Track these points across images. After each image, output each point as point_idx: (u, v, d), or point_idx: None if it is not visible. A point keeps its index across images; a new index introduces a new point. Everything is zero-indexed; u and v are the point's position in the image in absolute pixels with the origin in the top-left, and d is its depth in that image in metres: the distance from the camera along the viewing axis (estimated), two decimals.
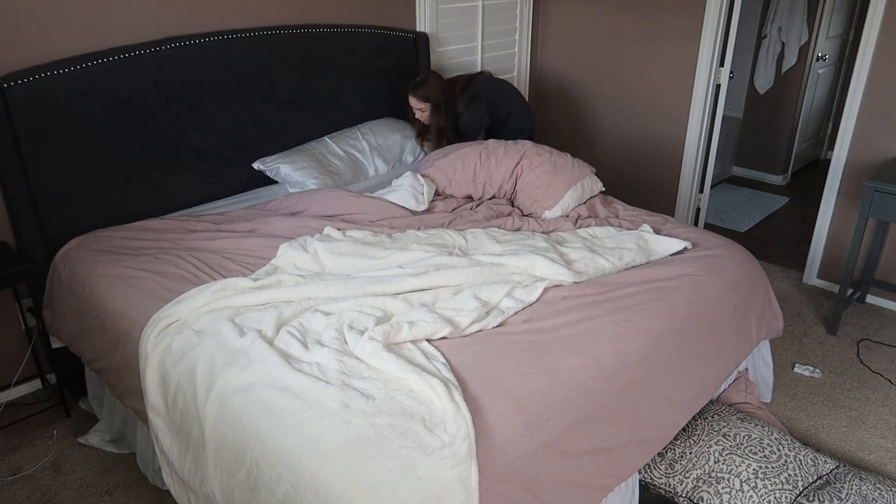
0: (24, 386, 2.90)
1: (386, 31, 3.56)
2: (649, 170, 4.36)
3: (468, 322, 2.03)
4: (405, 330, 1.94)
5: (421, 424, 1.63)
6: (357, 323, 2.01)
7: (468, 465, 1.55)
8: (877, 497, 2.16)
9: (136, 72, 2.72)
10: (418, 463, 1.54)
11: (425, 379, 1.73)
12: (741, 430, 2.30)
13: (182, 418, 1.92)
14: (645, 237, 2.60)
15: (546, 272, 2.31)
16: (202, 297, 2.15)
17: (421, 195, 2.96)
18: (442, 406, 1.67)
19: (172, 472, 1.99)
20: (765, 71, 5.17)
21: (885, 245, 3.53)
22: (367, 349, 1.85)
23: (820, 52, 5.06)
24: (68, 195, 2.66)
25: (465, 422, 1.62)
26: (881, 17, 3.25)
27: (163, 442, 2.00)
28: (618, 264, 2.41)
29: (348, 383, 1.76)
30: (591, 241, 2.62)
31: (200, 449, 1.85)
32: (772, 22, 5.03)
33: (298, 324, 2.04)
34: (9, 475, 2.48)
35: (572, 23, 4.40)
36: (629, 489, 2.07)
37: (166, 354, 2.00)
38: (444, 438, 1.59)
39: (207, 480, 1.83)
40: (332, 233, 2.64)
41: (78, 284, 2.42)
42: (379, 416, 1.65)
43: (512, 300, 2.17)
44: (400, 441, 1.58)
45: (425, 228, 2.72)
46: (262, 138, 3.19)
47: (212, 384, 1.85)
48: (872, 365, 3.12)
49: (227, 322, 2.03)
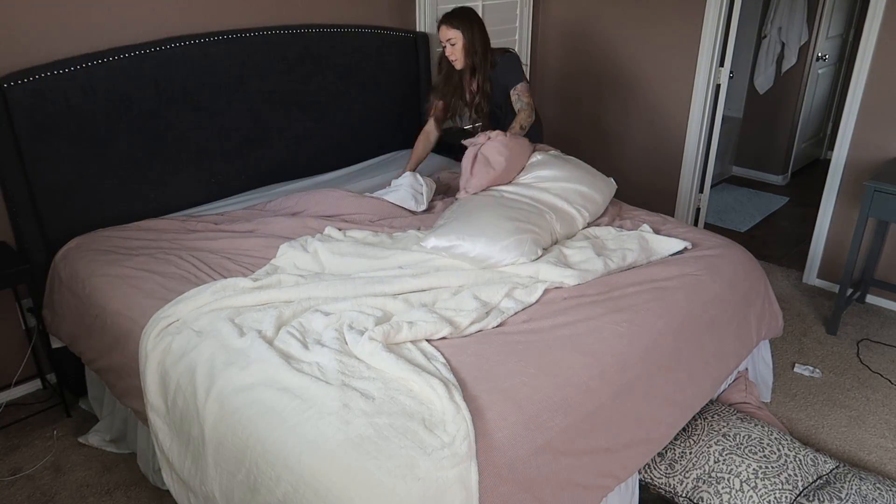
0: (24, 386, 2.90)
1: (386, 31, 3.56)
2: (649, 169, 4.36)
3: (468, 322, 2.03)
4: (405, 330, 1.94)
5: (421, 424, 1.63)
6: (357, 323, 2.01)
7: (468, 465, 1.55)
8: (877, 497, 2.16)
9: (136, 72, 2.72)
10: (418, 462, 1.54)
11: (425, 379, 1.73)
12: (741, 430, 2.30)
13: (182, 418, 1.92)
14: (646, 237, 2.61)
15: (551, 276, 2.30)
16: (202, 297, 2.15)
17: (420, 195, 2.96)
18: (442, 406, 1.67)
19: (172, 472, 1.99)
20: (765, 71, 5.17)
21: (884, 245, 3.53)
22: (367, 349, 1.85)
23: (820, 52, 5.06)
24: (68, 195, 2.66)
25: (464, 422, 1.62)
26: (881, 17, 3.25)
27: (163, 442, 2.00)
28: (621, 265, 2.42)
29: (348, 383, 1.76)
30: (595, 241, 2.62)
31: (200, 449, 1.85)
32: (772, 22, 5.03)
33: (298, 324, 2.04)
34: (9, 475, 2.48)
35: (572, 22, 4.40)
36: (629, 489, 2.07)
37: (166, 354, 2.00)
38: (443, 438, 1.59)
39: (207, 480, 1.83)
40: (333, 233, 2.63)
41: (78, 284, 2.42)
42: (379, 416, 1.65)
43: (511, 300, 2.17)
44: (400, 441, 1.59)
45: (425, 229, 2.72)
46: (262, 138, 3.19)
47: (212, 384, 1.85)
48: (872, 365, 3.12)
49: (227, 322, 2.03)
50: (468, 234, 2.39)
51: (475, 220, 2.44)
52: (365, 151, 3.65)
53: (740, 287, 2.48)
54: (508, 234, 2.38)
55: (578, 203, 2.72)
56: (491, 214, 2.47)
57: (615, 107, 4.40)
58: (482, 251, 2.35)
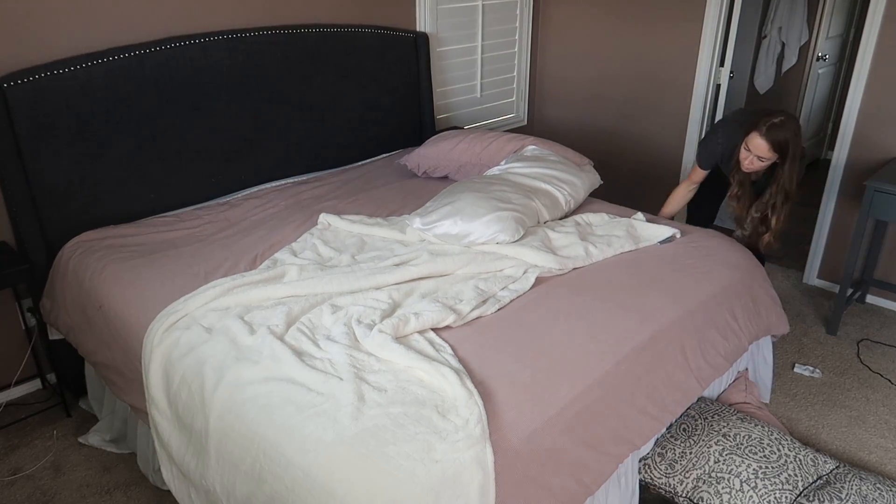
0: (24, 386, 2.90)
1: (386, 31, 3.56)
2: (649, 170, 4.36)
3: (469, 309, 2.11)
4: (412, 321, 2.00)
5: (434, 411, 1.68)
6: (364, 317, 2.06)
7: (483, 446, 1.60)
8: (877, 497, 2.15)
9: (136, 72, 2.72)
10: (435, 446, 1.59)
11: (436, 367, 1.79)
12: (741, 430, 2.30)
13: (185, 410, 1.92)
14: (634, 224, 2.69)
15: (532, 259, 2.39)
16: (210, 293, 2.17)
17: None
18: (454, 392, 1.72)
19: (172, 467, 2.00)
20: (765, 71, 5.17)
21: (884, 245, 3.53)
22: (377, 341, 1.91)
23: (820, 52, 5.06)
24: (68, 195, 2.66)
25: (476, 406, 1.68)
26: (881, 17, 3.25)
27: (162, 435, 2.00)
28: (606, 251, 2.50)
29: (360, 377, 1.80)
30: (584, 227, 2.71)
31: (203, 441, 1.85)
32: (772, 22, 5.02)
33: (308, 320, 2.08)
34: (9, 475, 2.48)
35: (572, 22, 4.40)
36: (629, 489, 2.08)
37: (173, 348, 2.01)
38: (457, 422, 1.64)
39: (209, 474, 1.83)
40: (330, 219, 2.71)
41: (84, 275, 2.43)
42: (392, 406, 1.70)
43: (507, 290, 2.26)
44: (415, 427, 1.63)
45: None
46: (262, 138, 3.19)
47: (221, 377, 1.86)
48: (872, 365, 3.12)
49: (236, 319, 2.06)
50: (450, 213, 2.53)
51: (458, 201, 2.58)
52: (365, 151, 3.65)
53: (737, 273, 2.51)
54: (488, 210, 2.52)
55: (560, 186, 2.83)
56: (473, 195, 2.61)
57: (615, 107, 4.40)
58: (463, 228, 2.48)
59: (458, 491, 1.53)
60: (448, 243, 2.51)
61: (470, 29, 4.07)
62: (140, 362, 2.10)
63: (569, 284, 2.30)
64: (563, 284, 2.31)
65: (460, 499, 1.53)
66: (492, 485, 1.57)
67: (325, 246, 2.54)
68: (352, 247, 2.54)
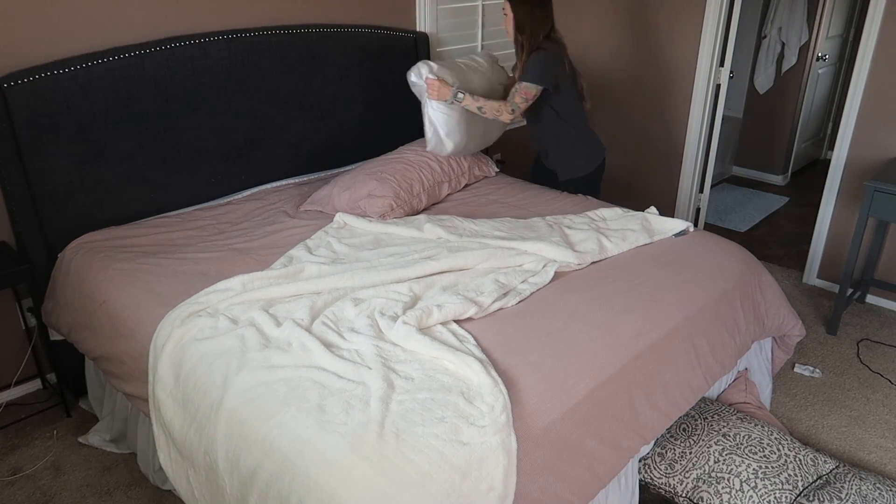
0: (24, 386, 2.90)
1: (386, 31, 3.56)
2: (649, 170, 4.36)
3: (490, 301, 2.14)
4: (435, 313, 2.04)
5: (461, 397, 1.73)
6: (387, 309, 2.09)
7: (508, 433, 1.65)
8: (877, 497, 2.16)
9: (136, 72, 2.72)
10: (462, 430, 1.64)
11: (460, 357, 1.83)
12: (741, 430, 2.30)
13: (195, 388, 1.91)
14: (648, 218, 2.75)
15: (551, 254, 2.42)
16: (231, 287, 2.20)
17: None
18: (479, 381, 1.76)
19: (171, 449, 1.99)
20: (765, 71, 5.17)
21: (885, 245, 3.53)
22: (402, 332, 1.94)
23: (820, 52, 5.06)
24: (68, 195, 2.66)
25: (501, 394, 1.72)
26: (881, 17, 3.25)
27: (165, 414, 1.98)
28: (621, 245, 2.54)
29: (388, 366, 1.84)
30: (598, 222, 2.75)
31: (212, 414, 1.84)
32: (772, 22, 5.03)
33: (331, 313, 2.10)
34: (9, 475, 2.48)
35: (572, 22, 4.40)
36: (629, 489, 2.08)
37: (195, 332, 2.03)
38: (482, 409, 1.70)
39: (214, 447, 1.82)
40: (347, 218, 2.75)
41: (87, 274, 2.44)
42: (420, 392, 1.74)
43: (527, 284, 2.29)
44: (443, 412, 1.68)
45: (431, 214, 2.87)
46: (262, 138, 3.19)
47: (249, 359, 1.88)
48: (872, 365, 3.12)
49: (261, 312, 2.09)
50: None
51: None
52: (365, 151, 3.65)
53: (741, 272, 2.52)
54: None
55: None
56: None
57: (615, 106, 4.40)
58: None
59: (484, 473, 1.58)
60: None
61: (470, 29, 4.07)
62: (145, 349, 2.11)
63: (587, 278, 2.34)
64: (581, 278, 2.35)
65: (485, 481, 1.58)
66: (514, 470, 1.62)
67: (340, 243, 2.57)
68: (368, 244, 2.57)
